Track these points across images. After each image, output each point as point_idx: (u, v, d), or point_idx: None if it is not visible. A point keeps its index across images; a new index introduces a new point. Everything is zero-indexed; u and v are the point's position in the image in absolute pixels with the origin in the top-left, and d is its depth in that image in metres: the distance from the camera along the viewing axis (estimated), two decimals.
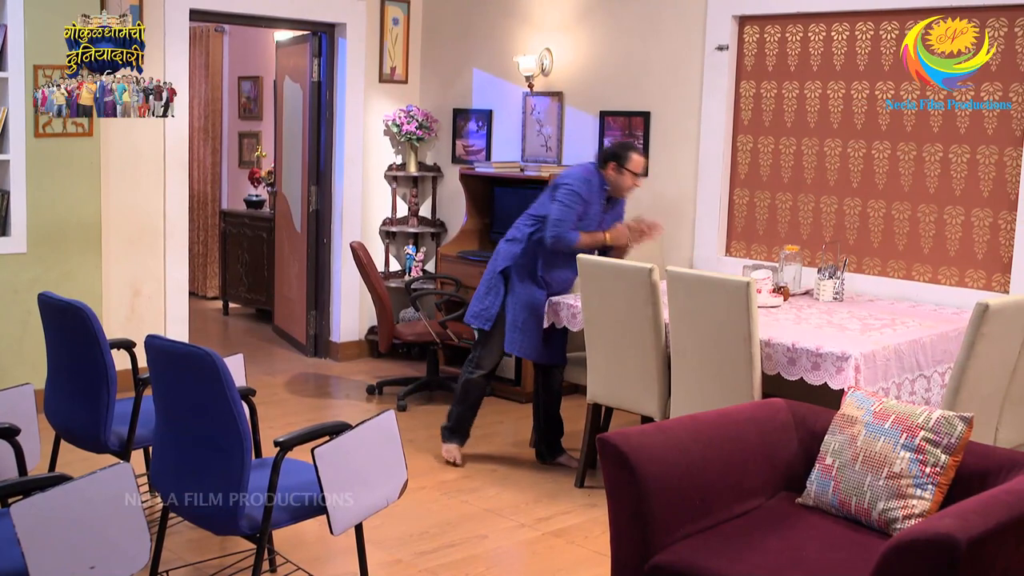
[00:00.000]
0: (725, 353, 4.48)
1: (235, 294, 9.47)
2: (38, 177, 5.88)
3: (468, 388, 5.53)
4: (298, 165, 7.92)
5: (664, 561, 3.13)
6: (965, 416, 3.27)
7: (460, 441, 5.58)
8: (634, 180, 5.33)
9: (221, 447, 3.33)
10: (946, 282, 5.46)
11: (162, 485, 3.60)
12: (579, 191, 5.23)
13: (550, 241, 5.23)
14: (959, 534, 2.54)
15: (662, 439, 3.36)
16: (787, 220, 6.06)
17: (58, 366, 4.29)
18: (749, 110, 6.17)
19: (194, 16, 6.79)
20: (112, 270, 6.47)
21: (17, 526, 2.75)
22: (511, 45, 7.30)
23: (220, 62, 10.15)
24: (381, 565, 4.25)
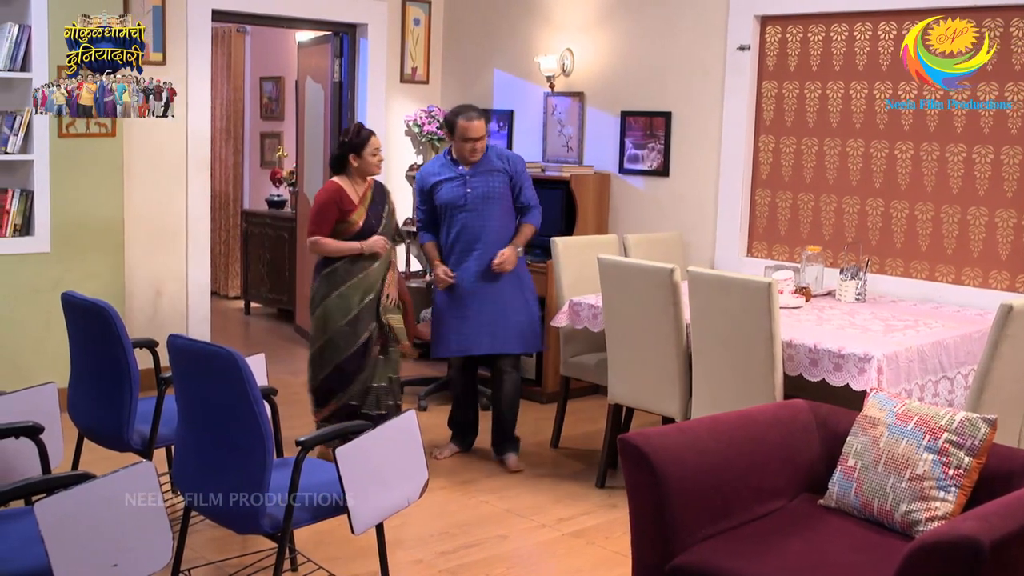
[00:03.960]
0: (746, 354, 4.46)
1: (257, 294, 9.50)
2: (62, 177, 5.92)
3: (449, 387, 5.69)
4: (319, 165, 7.93)
5: (685, 562, 3.12)
6: (989, 418, 3.25)
7: (458, 443, 5.64)
8: (468, 145, 5.30)
9: (243, 446, 3.34)
10: (970, 283, 5.43)
11: (184, 484, 3.62)
12: (416, 187, 5.57)
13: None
14: (983, 536, 2.52)
15: (683, 440, 3.35)
16: (809, 221, 6.03)
17: (81, 365, 4.31)
18: (771, 110, 6.15)
19: (216, 17, 6.82)
20: (135, 270, 6.51)
21: (41, 524, 2.77)
22: (532, 45, 7.30)
23: (242, 63, 10.19)
24: (402, 565, 4.26)
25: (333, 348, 5.18)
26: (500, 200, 5.37)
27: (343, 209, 5.16)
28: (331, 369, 5.20)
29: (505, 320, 5.37)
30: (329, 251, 5.19)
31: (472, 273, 5.35)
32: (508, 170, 5.41)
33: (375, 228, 5.24)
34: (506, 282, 5.37)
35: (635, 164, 6.75)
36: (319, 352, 5.23)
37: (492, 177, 5.37)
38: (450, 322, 5.40)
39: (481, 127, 5.29)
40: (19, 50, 5.71)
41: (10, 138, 5.76)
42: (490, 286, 5.34)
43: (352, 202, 5.19)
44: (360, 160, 5.20)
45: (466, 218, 5.32)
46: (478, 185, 5.33)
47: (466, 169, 5.34)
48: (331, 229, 5.17)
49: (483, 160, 5.36)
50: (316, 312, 5.24)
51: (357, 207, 5.20)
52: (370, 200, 5.27)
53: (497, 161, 5.40)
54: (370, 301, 5.22)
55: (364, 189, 5.27)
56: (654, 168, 6.64)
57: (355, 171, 5.22)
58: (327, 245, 5.18)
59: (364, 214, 5.21)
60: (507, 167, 5.41)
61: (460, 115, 5.28)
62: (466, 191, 5.32)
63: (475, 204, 5.32)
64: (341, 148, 5.26)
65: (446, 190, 5.33)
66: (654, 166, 6.64)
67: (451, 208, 5.34)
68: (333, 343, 5.18)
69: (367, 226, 5.21)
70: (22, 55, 5.73)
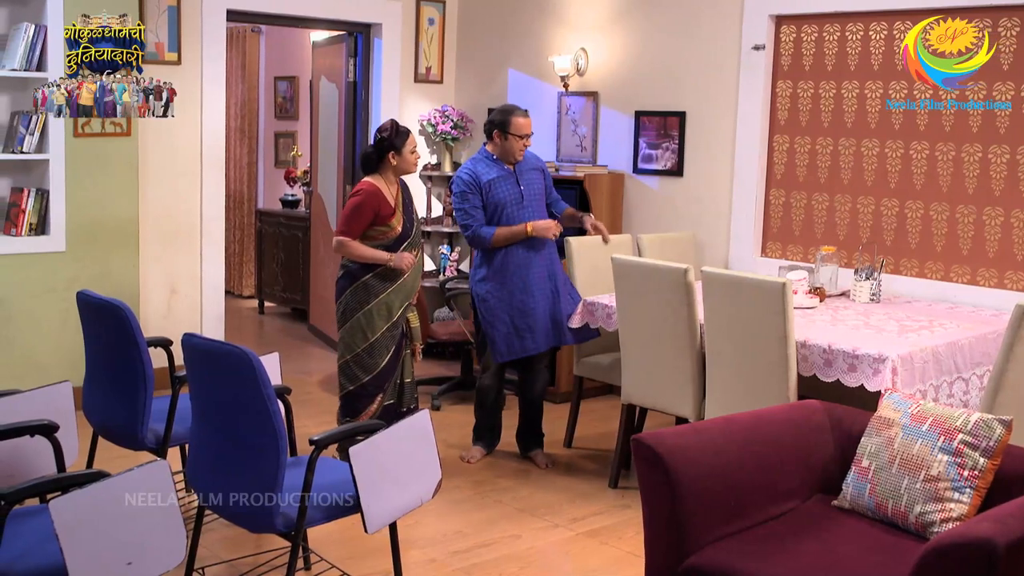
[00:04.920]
0: (760, 354, 4.45)
1: (271, 293, 9.52)
2: (77, 177, 5.94)
3: (478, 392, 5.58)
4: (333, 165, 7.95)
5: (698, 563, 3.12)
6: (1004, 419, 3.24)
7: (485, 445, 5.61)
8: (521, 142, 5.30)
9: (257, 445, 3.35)
10: (985, 284, 5.40)
11: (198, 482, 3.63)
12: (464, 187, 5.28)
13: (470, 244, 5.39)
14: (998, 538, 2.51)
15: (697, 440, 3.35)
16: (823, 221, 6.02)
17: (96, 364, 4.33)
18: (785, 110, 6.13)
19: (231, 17, 6.83)
20: (149, 269, 6.53)
21: (55, 522, 2.78)
22: (546, 45, 7.30)
23: (256, 62, 10.21)
24: (415, 564, 4.26)
25: (375, 353, 5.12)
26: (543, 198, 5.46)
27: (381, 213, 5.05)
28: (371, 375, 5.14)
29: (560, 314, 5.43)
30: (355, 255, 5.07)
31: (537, 268, 5.37)
32: (543, 169, 5.52)
33: (410, 232, 5.17)
34: (556, 276, 5.44)
35: (649, 164, 6.74)
36: (356, 359, 5.13)
37: (534, 176, 5.44)
38: (518, 323, 5.35)
39: (531, 124, 5.36)
40: (35, 50, 5.73)
41: (26, 138, 5.79)
42: (547, 282, 5.40)
43: (390, 205, 5.09)
44: (399, 158, 5.09)
45: (522, 215, 5.31)
46: (529, 183, 5.38)
47: (511, 168, 5.36)
48: (362, 232, 5.09)
49: (525, 159, 5.43)
50: (351, 320, 5.12)
51: (395, 211, 5.11)
52: (403, 203, 5.21)
53: (534, 160, 5.49)
54: (408, 306, 5.20)
55: (396, 191, 5.18)
56: (668, 168, 6.63)
57: (392, 169, 5.12)
58: (355, 249, 5.06)
59: (402, 218, 5.14)
60: (541, 166, 5.52)
61: (513, 113, 5.30)
62: (520, 189, 5.34)
63: (530, 201, 5.35)
64: (380, 144, 5.11)
65: (502, 189, 5.32)
66: (668, 166, 6.63)
67: (508, 206, 5.30)
68: (375, 349, 5.12)
69: (404, 231, 5.14)
70: (38, 55, 5.75)
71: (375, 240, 5.08)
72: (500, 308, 5.32)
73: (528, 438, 5.59)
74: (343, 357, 5.18)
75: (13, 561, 2.91)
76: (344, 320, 5.14)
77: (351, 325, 5.12)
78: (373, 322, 5.09)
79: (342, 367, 5.19)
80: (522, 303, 5.31)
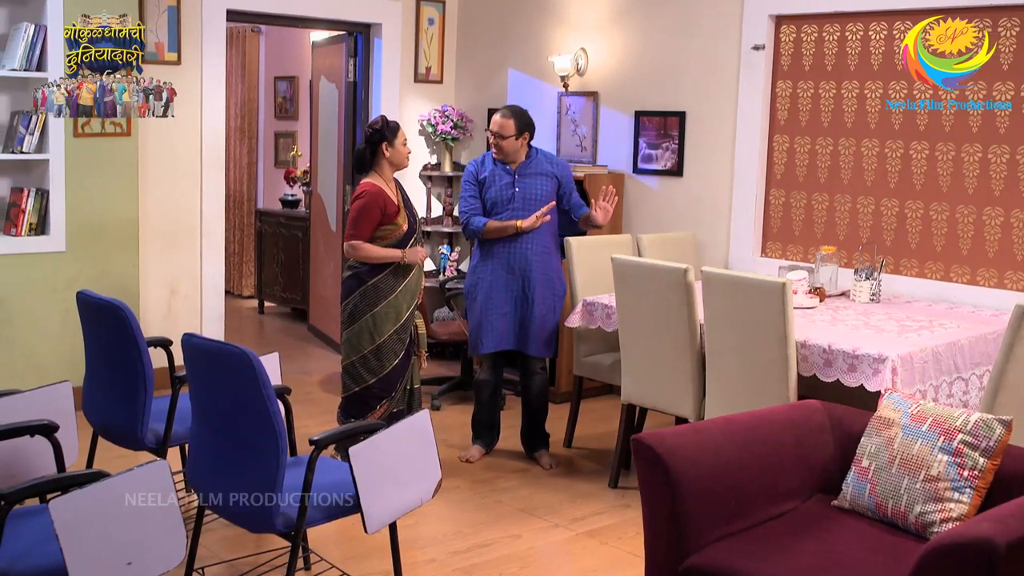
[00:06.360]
0: (760, 354, 4.45)
1: (270, 293, 9.52)
2: (77, 177, 5.94)
3: (474, 387, 5.64)
4: (333, 165, 7.94)
5: (698, 563, 3.12)
6: (1004, 419, 3.24)
7: (483, 444, 5.61)
8: (493, 140, 5.34)
9: (256, 445, 3.35)
10: (985, 284, 5.41)
11: (198, 482, 3.63)
12: (465, 177, 5.43)
13: (463, 232, 5.44)
14: (998, 538, 2.51)
15: (697, 440, 3.35)
16: (823, 221, 6.02)
17: (96, 364, 4.33)
18: (785, 110, 6.13)
19: (231, 17, 6.83)
20: (149, 269, 6.53)
21: (55, 522, 2.78)
22: (546, 45, 7.30)
23: (256, 62, 10.21)
24: (415, 564, 4.26)
25: (383, 356, 5.11)
26: (544, 203, 5.36)
27: (388, 211, 5.05)
28: (377, 378, 5.13)
29: (530, 321, 5.38)
30: (371, 257, 5.05)
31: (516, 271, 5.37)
32: (558, 175, 5.45)
33: (415, 229, 5.18)
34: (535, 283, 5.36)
35: (649, 164, 6.74)
36: (362, 360, 5.12)
37: (539, 180, 5.40)
38: (483, 320, 5.39)
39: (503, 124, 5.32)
40: (35, 50, 5.73)
41: (26, 138, 5.79)
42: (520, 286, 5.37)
43: (394, 203, 5.09)
44: (392, 149, 5.09)
45: (513, 218, 5.31)
46: (528, 186, 5.37)
47: (513, 169, 5.37)
48: (371, 233, 5.07)
49: (532, 162, 5.40)
50: (357, 323, 5.10)
51: (399, 209, 5.12)
52: (403, 200, 5.22)
53: (547, 165, 5.44)
54: (415, 307, 5.20)
55: (395, 188, 5.18)
56: (668, 168, 6.63)
57: (387, 163, 5.11)
58: (369, 251, 5.04)
59: (406, 216, 5.15)
60: (556, 171, 5.45)
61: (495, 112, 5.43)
62: (515, 191, 5.34)
63: (526, 205, 5.33)
64: (372, 137, 5.11)
65: (494, 188, 5.33)
66: (668, 166, 6.63)
67: (498, 205, 5.33)
68: (382, 352, 5.11)
69: (410, 227, 5.14)
70: (38, 55, 5.75)
71: (385, 240, 5.08)
72: (472, 302, 5.41)
73: (532, 439, 5.59)
74: (348, 358, 5.17)
75: (13, 561, 2.91)
76: (351, 321, 5.14)
77: (358, 327, 5.11)
78: (381, 325, 5.09)
79: (347, 368, 5.18)
80: (487, 299, 5.36)
